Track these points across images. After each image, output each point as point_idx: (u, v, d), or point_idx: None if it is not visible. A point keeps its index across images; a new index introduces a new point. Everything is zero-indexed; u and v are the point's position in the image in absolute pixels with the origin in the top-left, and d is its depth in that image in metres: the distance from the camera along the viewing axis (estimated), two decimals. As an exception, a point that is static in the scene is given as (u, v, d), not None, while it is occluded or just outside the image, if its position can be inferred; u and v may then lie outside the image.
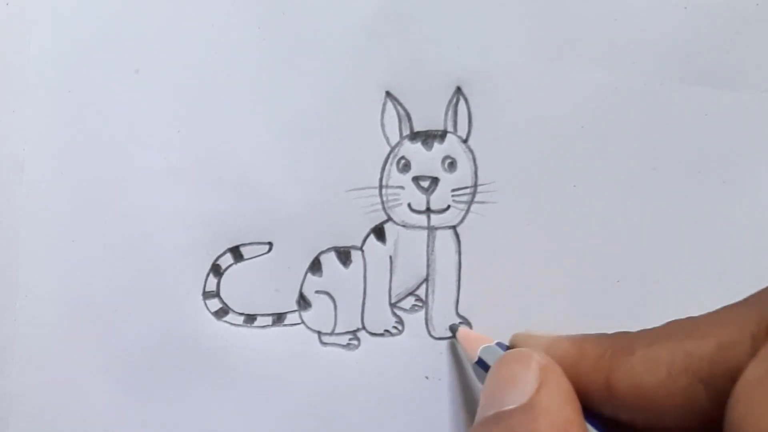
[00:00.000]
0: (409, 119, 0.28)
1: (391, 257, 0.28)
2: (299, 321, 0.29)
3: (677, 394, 0.19)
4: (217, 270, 0.28)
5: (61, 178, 0.28)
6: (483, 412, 0.22)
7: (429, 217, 0.28)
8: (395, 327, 0.28)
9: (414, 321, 0.28)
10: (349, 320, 0.28)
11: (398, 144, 0.28)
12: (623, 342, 0.21)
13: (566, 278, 0.28)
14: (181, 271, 0.28)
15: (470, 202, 0.28)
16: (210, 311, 0.28)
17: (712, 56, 0.28)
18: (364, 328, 0.28)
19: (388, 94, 0.28)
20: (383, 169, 0.28)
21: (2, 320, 0.28)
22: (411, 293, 0.28)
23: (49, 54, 0.28)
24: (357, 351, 0.28)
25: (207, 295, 0.28)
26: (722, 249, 0.28)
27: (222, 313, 0.28)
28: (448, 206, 0.28)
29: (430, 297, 0.28)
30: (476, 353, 0.25)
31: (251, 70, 0.28)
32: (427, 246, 0.28)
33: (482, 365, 0.25)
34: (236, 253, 0.28)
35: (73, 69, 0.28)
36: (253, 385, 0.28)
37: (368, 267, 0.28)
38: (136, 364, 0.28)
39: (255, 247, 0.28)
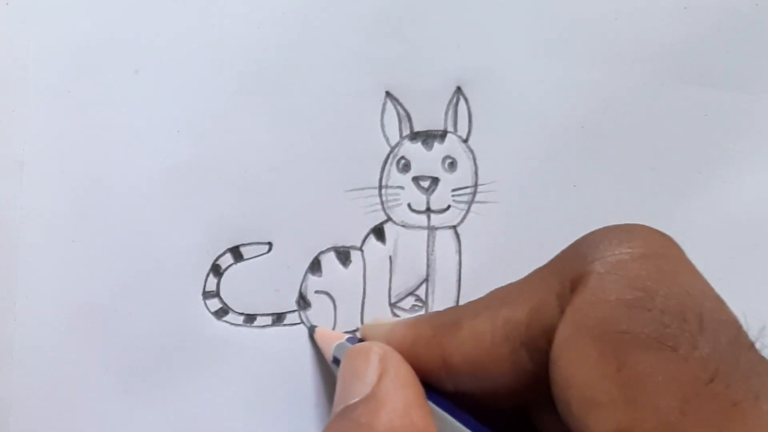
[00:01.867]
0: (409, 119, 0.28)
1: (390, 257, 0.28)
2: (299, 321, 0.29)
3: (504, 361, 0.20)
4: (217, 270, 0.28)
5: (61, 178, 0.28)
6: (334, 408, 0.23)
7: (429, 217, 0.28)
8: (395, 327, 0.28)
9: (414, 321, 0.28)
10: (349, 320, 0.28)
11: (398, 144, 0.28)
12: (452, 318, 0.22)
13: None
14: (181, 271, 0.28)
15: (470, 202, 0.28)
16: (210, 311, 0.28)
17: (712, 56, 0.28)
18: (364, 328, 0.28)
19: (388, 94, 0.28)
20: (383, 169, 0.28)
21: (2, 320, 0.28)
22: (411, 293, 0.28)
23: (49, 54, 0.28)
24: (357, 351, 0.28)
25: (207, 295, 0.28)
26: (722, 249, 0.28)
27: (222, 313, 0.28)
28: (448, 206, 0.28)
29: (430, 297, 0.28)
30: (331, 352, 0.26)
31: (251, 70, 0.28)
32: (427, 246, 0.28)
33: (337, 363, 0.25)
34: (236, 253, 0.28)
35: (73, 69, 0.28)
36: (253, 385, 0.28)
37: (368, 267, 0.28)
38: (136, 364, 0.28)
39: (255, 247, 0.28)
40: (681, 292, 0.17)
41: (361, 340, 0.25)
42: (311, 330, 0.28)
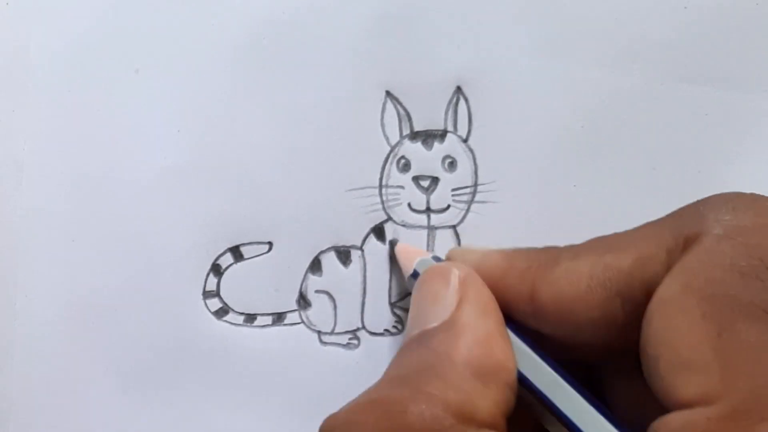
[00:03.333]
0: (409, 119, 0.28)
1: (391, 257, 0.28)
2: (299, 321, 0.29)
3: (595, 307, 0.19)
4: (217, 270, 0.28)
5: (61, 178, 0.28)
6: (409, 330, 0.22)
7: (429, 217, 0.28)
8: (395, 326, 0.28)
9: (414, 321, 0.28)
10: (349, 320, 0.28)
11: (398, 144, 0.28)
12: (550, 255, 0.21)
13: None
14: (181, 270, 0.28)
15: (470, 202, 0.28)
16: (210, 311, 0.28)
17: (712, 56, 0.28)
18: (364, 327, 0.28)
19: (388, 93, 0.28)
20: (383, 168, 0.28)
21: (2, 320, 0.28)
22: (411, 293, 0.28)
23: (49, 54, 0.28)
24: (357, 351, 0.28)
25: (207, 294, 0.28)
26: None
27: (222, 312, 0.28)
28: (448, 206, 0.28)
29: (430, 297, 0.28)
30: (412, 267, 0.25)
31: (251, 70, 0.28)
32: (427, 246, 0.28)
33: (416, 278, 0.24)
34: (236, 252, 0.28)
35: (73, 69, 0.28)
36: (253, 385, 0.28)
37: (368, 267, 0.28)
38: (136, 364, 0.28)
39: (255, 246, 0.28)
40: None
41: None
42: (393, 243, 0.27)
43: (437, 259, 0.25)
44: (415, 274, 0.25)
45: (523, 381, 0.20)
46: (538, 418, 0.21)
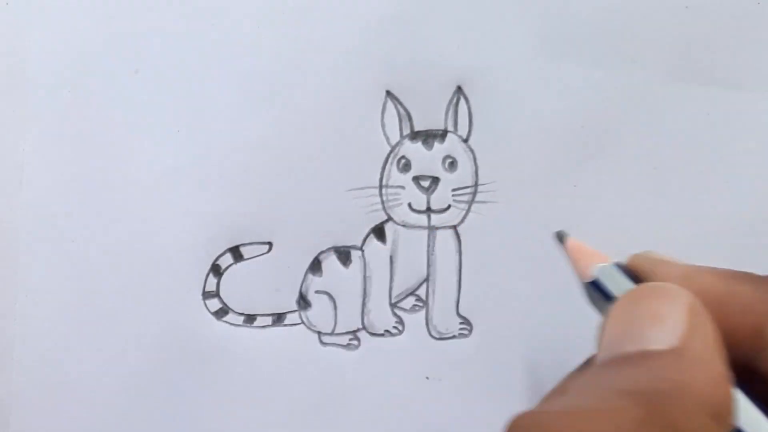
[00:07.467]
0: (410, 119, 0.28)
1: (391, 257, 0.28)
2: (299, 321, 0.29)
3: None
4: (217, 270, 0.28)
5: (61, 178, 0.28)
6: (616, 347, 0.19)
7: (429, 217, 0.28)
8: (395, 327, 0.28)
9: (414, 321, 0.28)
10: (349, 320, 0.28)
11: (398, 144, 0.28)
12: None
13: (566, 278, 0.28)
14: (181, 271, 0.28)
15: (471, 202, 0.28)
16: (210, 311, 0.28)
17: (712, 56, 0.28)
18: (364, 328, 0.28)
19: (388, 93, 0.28)
20: (383, 168, 0.28)
21: (2, 320, 0.28)
22: (411, 293, 0.28)
23: (49, 54, 0.28)
24: (357, 351, 0.28)
25: (207, 295, 0.28)
26: (722, 248, 0.28)
27: (222, 313, 0.28)
28: (449, 206, 0.28)
29: (430, 297, 0.28)
30: (590, 272, 0.23)
31: (251, 70, 0.28)
32: (428, 246, 0.28)
33: (596, 287, 0.22)
34: (236, 253, 0.28)
35: (73, 69, 0.28)
36: (253, 385, 0.28)
37: (368, 267, 0.28)
38: (136, 364, 0.28)
39: (255, 247, 0.28)
40: None
41: (629, 272, 0.22)
42: (560, 235, 0.24)
43: (620, 266, 0.23)
44: (594, 283, 0.23)
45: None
46: None
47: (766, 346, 0.18)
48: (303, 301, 0.28)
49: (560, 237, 0.23)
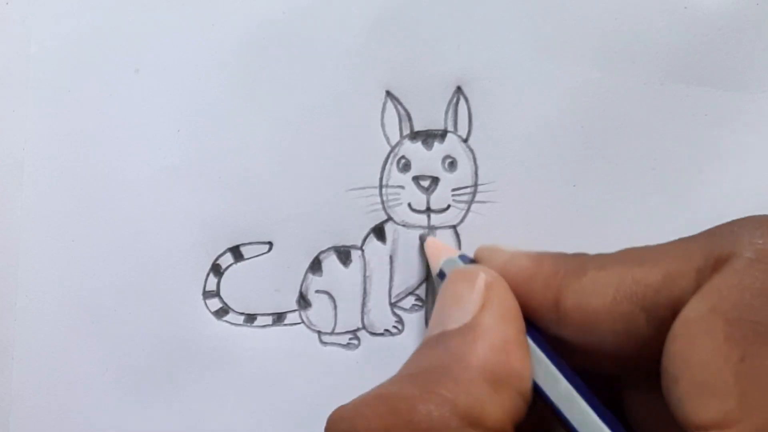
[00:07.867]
0: (410, 119, 0.28)
1: (391, 257, 0.28)
2: (299, 321, 0.29)
3: (619, 319, 0.19)
4: (217, 270, 0.28)
5: (61, 178, 0.28)
6: (430, 330, 0.22)
7: (429, 217, 0.28)
8: (395, 327, 0.28)
9: (414, 321, 0.28)
10: (349, 320, 0.28)
11: (398, 143, 0.28)
12: (578, 263, 0.21)
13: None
14: (181, 270, 0.28)
15: (470, 202, 0.28)
16: (210, 311, 0.28)
17: (712, 56, 0.28)
18: (364, 327, 0.28)
19: (388, 93, 0.28)
20: (383, 168, 0.28)
21: (2, 320, 0.28)
22: (411, 293, 0.28)
23: (49, 54, 0.28)
24: (357, 351, 0.28)
25: (207, 294, 0.28)
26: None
27: (222, 312, 0.28)
28: (449, 206, 0.28)
29: (430, 297, 0.28)
30: (438, 265, 0.25)
31: (251, 70, 0.28)
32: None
33: (443, 278, 0.24)
34: (236, 252, 0.28)
35: (73, 69, 0.28)
36: (253, 385, 0.28)
37: (368, 267, 0.28)
38: (135, 364, 0.28)
39: (255, 246, 0.28)
40: None
41: (473, 261, 0.24)
42: (423, 237, 0.27)
43: (464, 258, 0.25)
44: (441, 274, 0.24)
45: (538, 391, 0.20)
46: (551, 429, 0.21)
47: (562, 315, 0.20)
48: (303, 301, 0.29)
49: (421, 238, 0.26)
